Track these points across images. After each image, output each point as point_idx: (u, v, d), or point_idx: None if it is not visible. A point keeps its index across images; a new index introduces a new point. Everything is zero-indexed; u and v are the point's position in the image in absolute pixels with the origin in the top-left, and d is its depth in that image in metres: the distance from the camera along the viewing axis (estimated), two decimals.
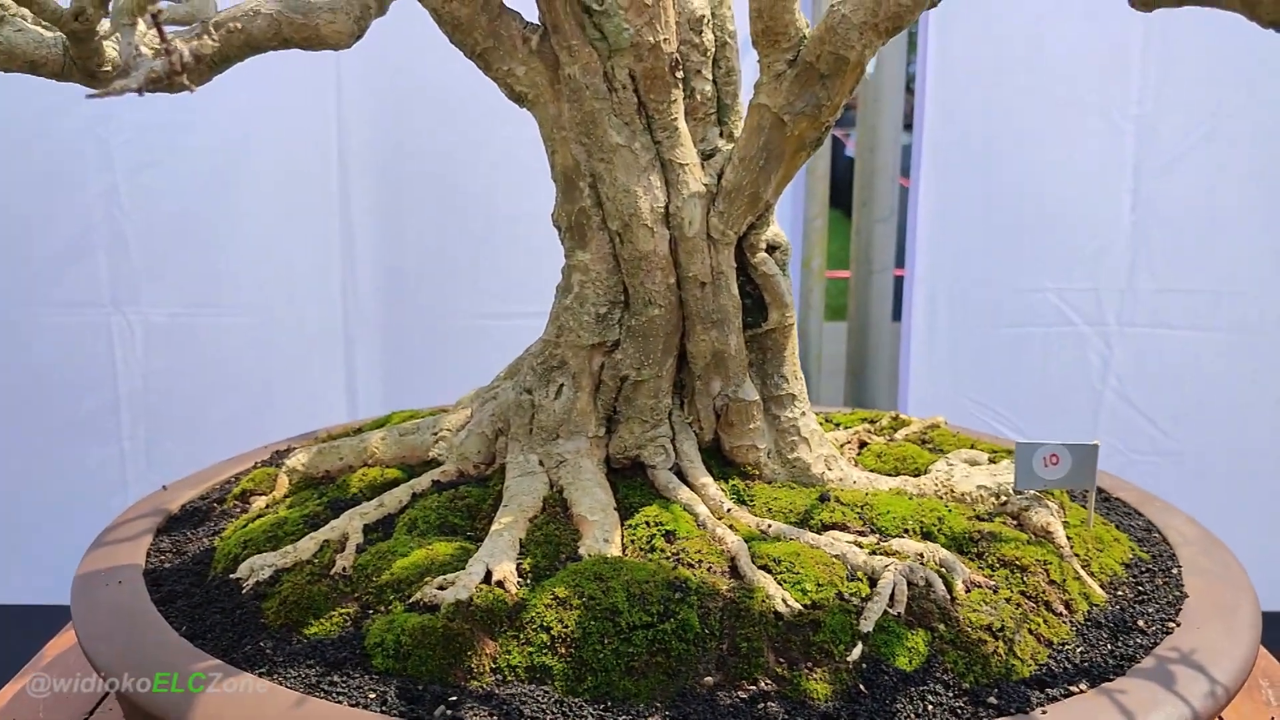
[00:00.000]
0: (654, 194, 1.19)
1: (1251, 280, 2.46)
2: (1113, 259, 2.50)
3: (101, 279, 2.55)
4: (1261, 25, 0.76)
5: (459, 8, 1.16)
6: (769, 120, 1.16)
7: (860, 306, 2.77)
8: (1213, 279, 2.50)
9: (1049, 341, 2.59)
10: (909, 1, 1.07)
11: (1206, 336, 2.53)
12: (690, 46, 1.20)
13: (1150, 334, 2.56)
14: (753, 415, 1.27)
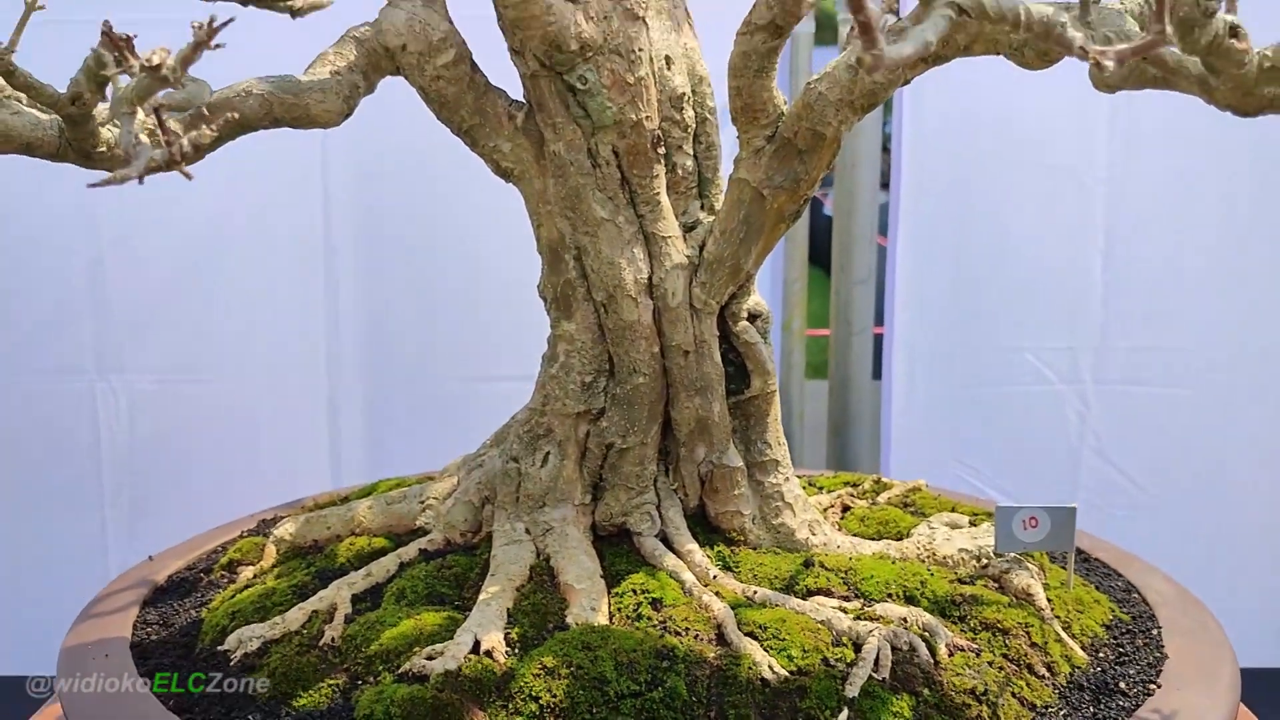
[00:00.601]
0: (638, 266, 1.22)
1: (1220, 337, 2.50)
2: (1086, 318, 2.54)
3: (86, 346, 2.55)
4: (1218, 108, 0.80)
5: (446, 86, 1.20)
6: (749, 194, 1.20)
7: (840, 366, 2.80)
8: (1183, 337, 2.54)
9: (1027, 400, 2.62)
10: (882, 80, 1.11)
11: (1179, 393, 2.56)
12: (671, 123, 1.23)
13: (1125, 391, 2.59)
14: (737, 481, 1.29)
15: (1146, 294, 2.52)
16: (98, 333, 2.53)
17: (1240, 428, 2.53)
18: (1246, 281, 2.48)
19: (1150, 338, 2.55)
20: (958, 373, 2.60)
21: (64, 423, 2.57)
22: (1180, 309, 2.52)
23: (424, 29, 1.18)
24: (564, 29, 1.13)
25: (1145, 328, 2.55)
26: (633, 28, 1.17)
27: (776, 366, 2.52)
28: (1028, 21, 0.70)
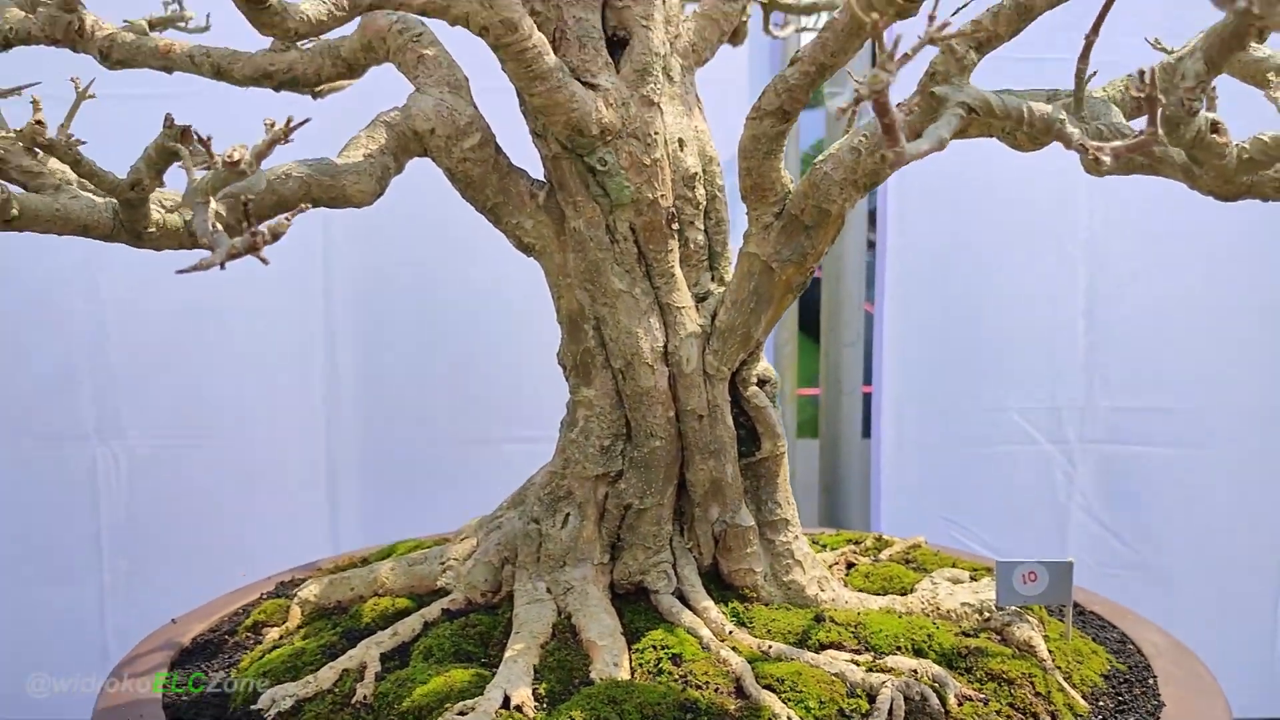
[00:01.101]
0: (654, 335, 1.29)
1: (1202, 397, 2.58)
2: (1070, 379, 2.62)
3: (86, 409, 2.58)
4: (1201, 194, 0.88)
5: (472, 168, 1.27)
6: (758, 267, 1.27)
7: (831, 426, 2.87)
8: (1166, 397, 2.62)
9: (1014, 459, 2.68)
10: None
11: (1162, 452, 2.64)
12: (684, 200, 1.31)
13: (1110, 450, 2.67)
14: (749, 540, 1.35)
15: (1128, 354, 2.61)
16: (98, 396, 2.56)
17: (1224, 484, 2.61)
18: (1227, 341, 2.56)
19: (1133, 398, 2.63)
20: (946, 432, 2.67)
21: (64, 487, 2.59)
22: (1162, 369, 2.60)
23: (451, 114, 1.25)
24: (586, 115, 1.20)
25: (1128, 388, 2.63)
26: (649, 113, 1.25)
27: None
28: (1030, 119, 0.77)
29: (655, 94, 1.26)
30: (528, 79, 1.16)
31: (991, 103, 0.77)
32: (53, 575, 2.61)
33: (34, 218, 1.03)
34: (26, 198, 1.02)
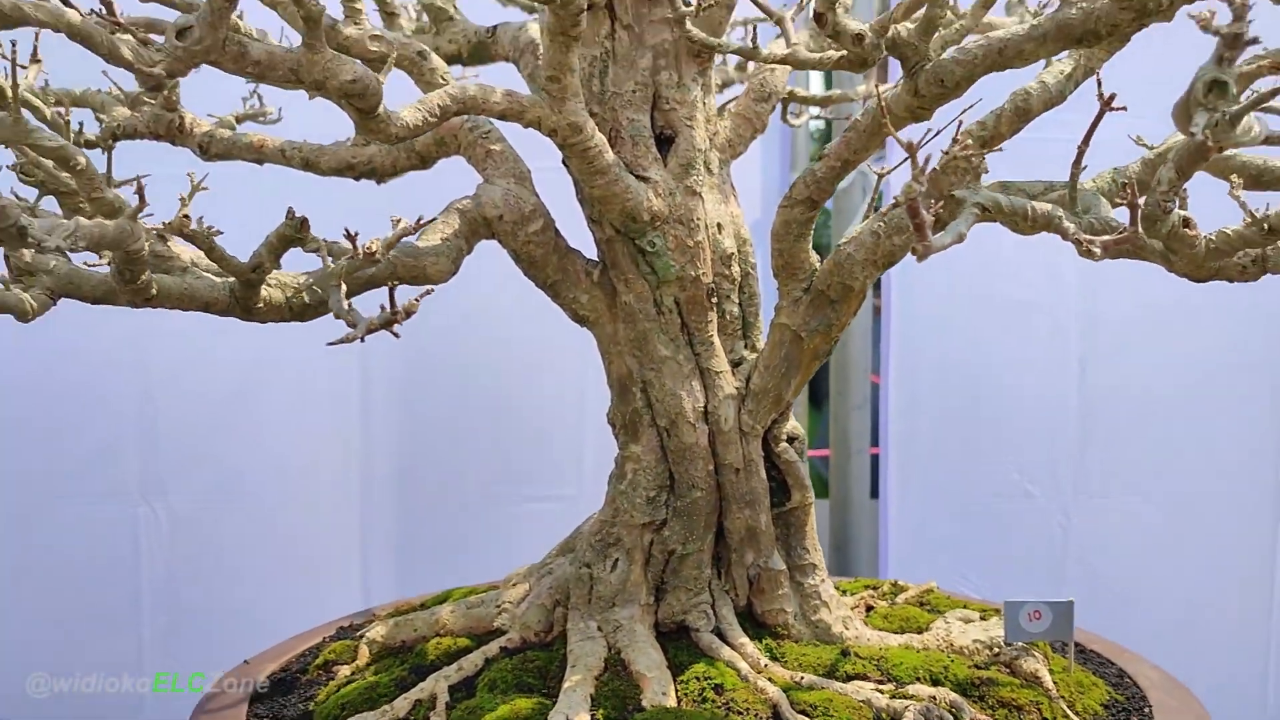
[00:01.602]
0: (695, 396, 1.44)
1: (1187, 454, 2.74)
2: (1065, 439, 2.77)
3: (131, 472, 2.72)
4: (1177, 275, 1.04)
5: (535, 249, 1.43)
6: (789, 336, 1.43)
7: (841, 486, 3.02)
8: (1155, 454, 2.77)
9: (1014, 514, 2.83)
10: (900, 242, 1.35)
11: (1151, 506, 2.79)
12: (722, 277, 1.47)
13: (1103, 505, 2.81)
14: (781, 582, 1.49)
15: (1118, 415, 2.76)
16: (143, 460, 2.70)
17: (1209, 535, 2.75)
18: (1209, 403, 2.72)
19: (1125, 455, 2.78)
20: (949, 490, 2.82)
21: (107, 544, 2.72)
22: (1150, 428, 2.75)
23: (517, 203, 1.41)
24: (638, 204, 1.37)
25: (1119, 446, 2.78)
26: (692, 202, 1.42)
27: None
28: (1033, 216, 0.94)
29: (698, 185, 1.42)
30: (589, 173, 1.33)
31: (1001, 203, 0.94)
32: (95, 629, 2.72)
33: (166, 295, 1.18)
34: (161, 279, 1.17)
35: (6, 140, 1.04)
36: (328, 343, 0.98)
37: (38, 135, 1.06)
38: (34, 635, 2.70)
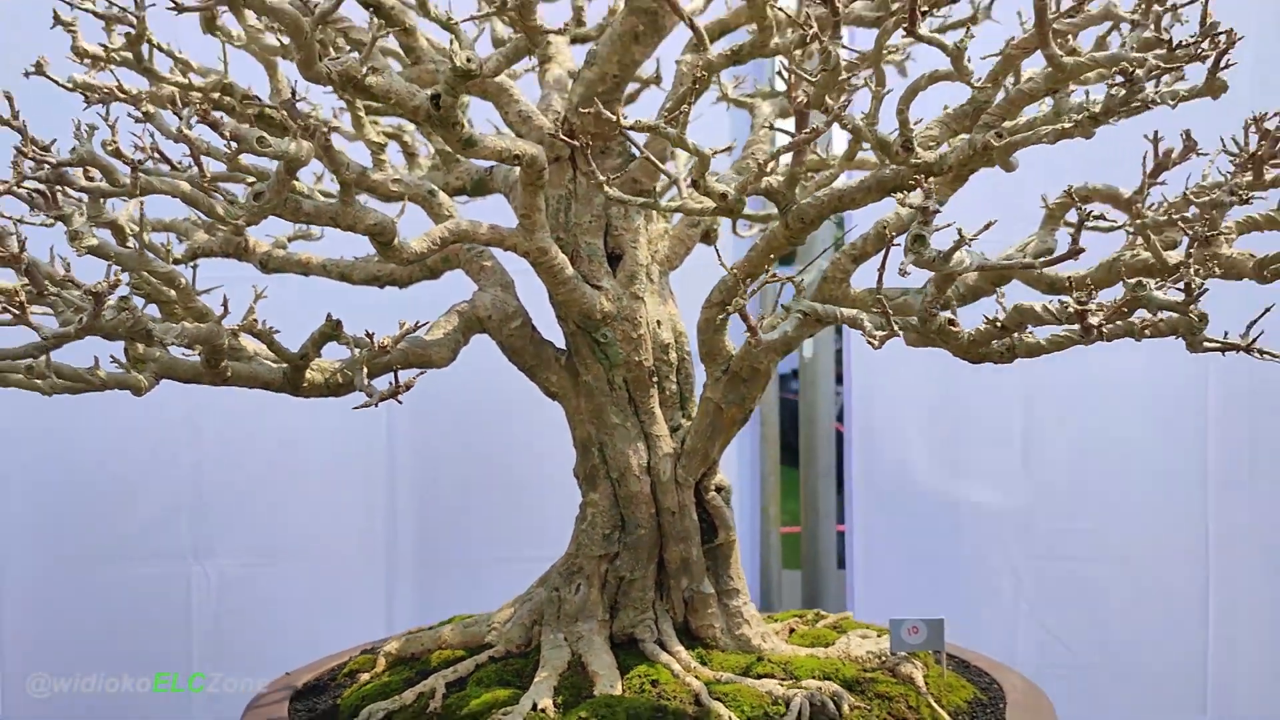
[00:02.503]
0: (640, 455, 1.84)
1: (1130, 518, 3.06)
2: (1014, 506, 3.11)
3: (184, 536, 3.14)
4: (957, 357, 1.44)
5: (516, 340, 1.85)
6: (713, 407, 1.83)
7: (810, 557, 3.39)
8: (1097, 519, 3.11)
9: (969, 576, 3.17)
10: (794, 335, 1.76)
11: (1096, 566, 3.12)
12: (661, 361, 1.88)
13: (1050, 565, 3.15)
14: (710, 603, 1.87)
15: (1064, 482, 3.11)
16: (195, 525, 3.11)
17: (1152, 595, 3.07)
18: (1146, 473, 3.05)
19: (1069, 520, 3.13)
20: (909, 561, 3.16)
21: (161, 600, 3.12)
22: (1094, 495, 3.09)
23: (502, 305, 1.84)
24: (593, 307, 1.79)
25: (1064, 511, 3.12)
26: (636, 304, 1.84)
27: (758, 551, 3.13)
28: (842, 319, 1.35)
29: (641, 291, 1.85)
30: (555, 284, 1.76)
31: (818, 310, 1.35)
32: (148, 676, 3.09)
33: (237, 377, 1.61)
34: (234, 365, 1.60)
35: (133, 268, 1.47)
36: (354, 407, 1.40)
37: (153, 264, 1.50)
38: (98, 679, 3.09)
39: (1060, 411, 3.10)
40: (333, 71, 1.38)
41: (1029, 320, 1.30)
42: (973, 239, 1.22)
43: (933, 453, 3.14)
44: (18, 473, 3.05)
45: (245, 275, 1.74)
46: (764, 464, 3.32)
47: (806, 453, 3.38)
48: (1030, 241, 1.65)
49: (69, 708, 3.06)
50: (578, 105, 1.74)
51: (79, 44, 1.76)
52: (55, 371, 1.44)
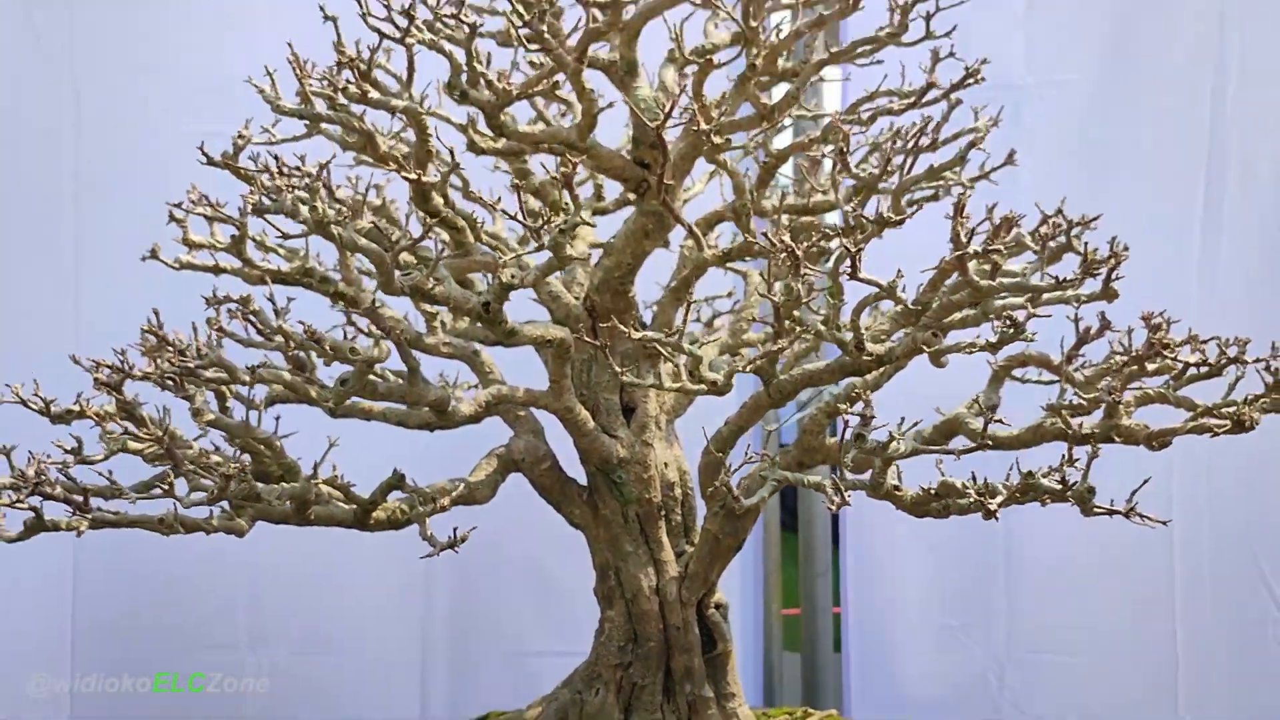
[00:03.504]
0: (650, 578, 2.18)
1: (1107, 619, 3.36)
2: (996, 603, 3.41)
3: (240, 629, 3.47)
4: (905, 512, 1.78)
5: (545, 479, 2.20)
6: (711, 538, 2.17)
7: (809, 642, 3.69)
8: (1076, 615, 3.40)
9: (955, 668, 3.46)
10: (769, 495, 2.10)
11: (1075, 660, 3.41)
12: (668, 497, 2.23)
13: (1032, 659, 3.44)
14: (710, 706, 2.20)
15: (1044, 582, 3.41)
16: (251, 618, 3.44)
17: (1125, 689, 3.36)
18: (1128, 574, 3.35)
19: (1049, 618, 3.43)
20: (902, 648, 3.47)
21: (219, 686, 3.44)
22: (1072, 593, 3.39)
23: (534, 449, 2.20)
24: (611, 453, 2.14)
25: (1044, 609, 3.42)
26: (646, 450, 2.19)
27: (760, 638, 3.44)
28: (807, 484, 1.69)
29: (651, 439, 2.20)
30: (578, 435, 2.11)
31: (789, 477, 1.69)
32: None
33: (319, 518, 1.96)
34: (316, 509, 1.95)
35: (240, 435, 1.84)
36: (420, 556, 1.75)
37: (255, 432, 1.86)
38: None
39: (1038, 520, 3.40)
40: (405, 286, 1.75)
41: (953, 494, 1.64)
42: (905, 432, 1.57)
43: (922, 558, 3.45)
44: (86, 574, 3.38)
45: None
46: (767, 561, 3.64)
47: (805, 553, 3.70)
48: (977, 398, 1.99)
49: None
50: (598, 287, 2.11)
51: (189, 236, 2.15)
52: (180, 521, 1.79)
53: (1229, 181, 3.25)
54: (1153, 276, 3.05)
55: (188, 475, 1.71)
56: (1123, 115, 3.32)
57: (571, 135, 1.89)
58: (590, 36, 1.78)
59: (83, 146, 3.37)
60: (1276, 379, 1.73)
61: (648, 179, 1.98)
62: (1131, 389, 1.83)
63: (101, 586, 3.39)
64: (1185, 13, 3.31)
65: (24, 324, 3.34)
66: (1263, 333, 2.01)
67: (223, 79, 3.37)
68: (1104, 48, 3.34)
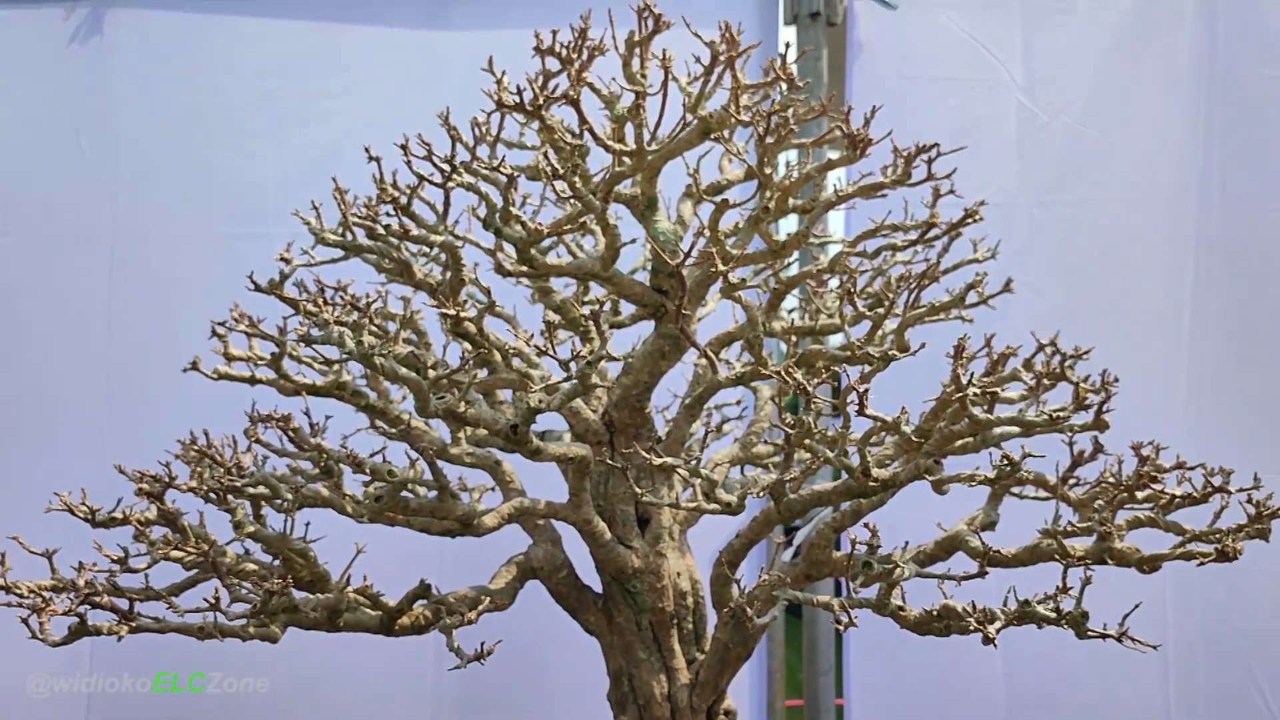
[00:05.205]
0: (662, 685, 2.26)
1: (1103, 705, 3.44)
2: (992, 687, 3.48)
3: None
4: (908, 629, 1.87)
5: (562, 587, 2.29)
6: (721, 646, 2.25)
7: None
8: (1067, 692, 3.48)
9: None
10: (779, 614, 2.19)
11: None
12: (680, 606, 2.31)
13: None
14: None
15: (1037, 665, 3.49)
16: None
17: None
18: (1125, 683, 3.44)
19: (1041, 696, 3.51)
20: None
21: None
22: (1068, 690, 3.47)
23: (552, 558, 2.29)
24: (626, 563, 2.24)
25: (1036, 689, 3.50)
26: (659, 560, 2.28)
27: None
28: (815, 603, 1.79)
29: (664, 549, 2.29)
30: (595, 546, 2.21)
31: (799, 597, 1.79)
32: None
33: (348, 624, 2.05)
34: (346, 616, 2.04)
35: (276, 545, 1.94)
36: (449, 668, 1.83)
37: (291, 542, 1.96)
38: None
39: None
40: (439, 409, 1.87)
41: (952, 617, 1.74)
42: (907, 558, 1.67)
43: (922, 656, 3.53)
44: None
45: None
46: (771, 661, 3.70)
47: (809, 652, 3.76)
48: (977, 515, 2.10)
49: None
50: (616, 404, 2.22)
51: (229, 350, 2.27)
52: (219, 629, 1.88)
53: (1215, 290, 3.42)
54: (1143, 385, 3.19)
55: (229, 586, 1.81)
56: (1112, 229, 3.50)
57: (595, 267, 2.02)
58: (615, 180, 1.92)
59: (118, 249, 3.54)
60: (1259, 510, 1.83)
61: (665, 305, 2.11)
62: (1123, 513, 1.94)
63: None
64: (1171, 132, 3.50)
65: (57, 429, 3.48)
66: (1246, 446, 2.14)
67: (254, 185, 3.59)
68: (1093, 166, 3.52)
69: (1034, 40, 3.55)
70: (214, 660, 3.43)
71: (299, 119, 3.60)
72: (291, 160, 3.57)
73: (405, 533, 2.19)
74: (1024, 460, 1.74)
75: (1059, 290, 3.42)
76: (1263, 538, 1.85)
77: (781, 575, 1.94)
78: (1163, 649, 3.38)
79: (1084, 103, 3.54)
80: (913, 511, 2.09)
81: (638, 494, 1.93)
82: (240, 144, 3.61)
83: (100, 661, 3.45)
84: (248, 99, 3.62)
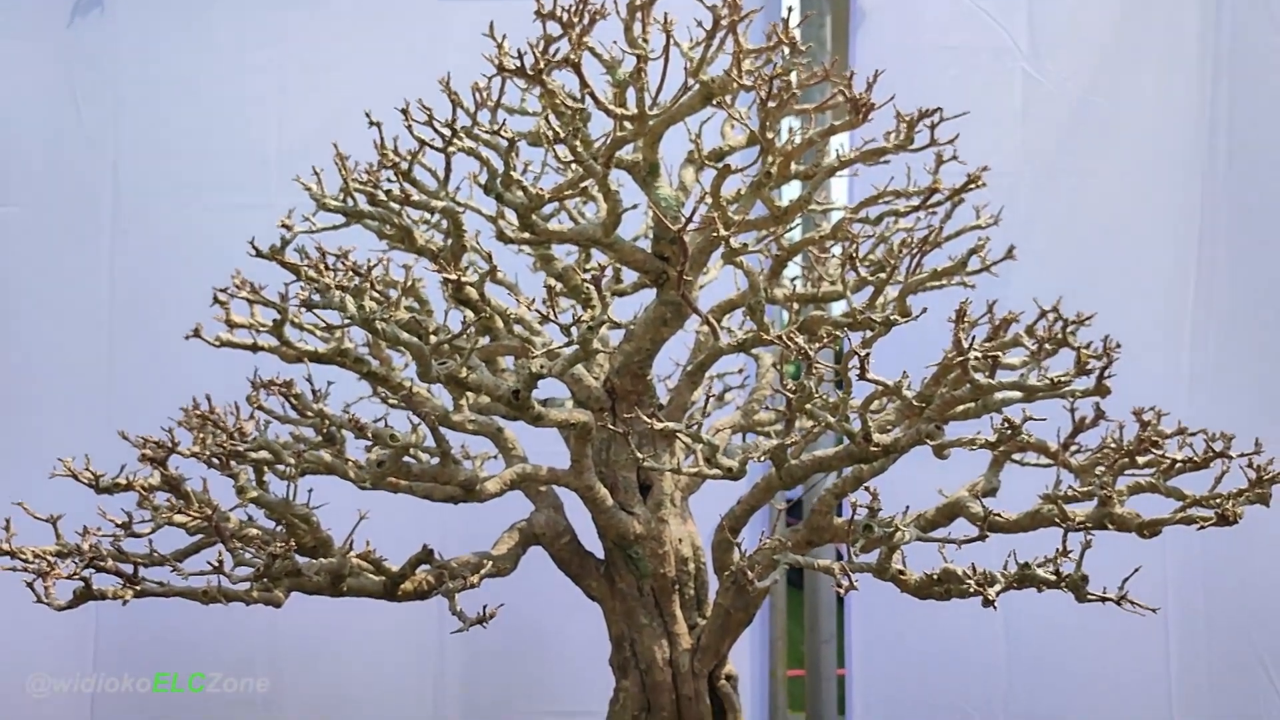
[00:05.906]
0: (664, 650, 2.27)
1: (1105, 699, 3.45)
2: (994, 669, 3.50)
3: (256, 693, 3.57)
4: (909, 594, 1.88)
5: (564, 552, 2.30)
6: (722, 611, 2.26)
7: (813, 704, 3.76)
8: (1068, 684, 3.49)
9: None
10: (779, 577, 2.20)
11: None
12: (682, 572, 2.32)
13: None
14: None
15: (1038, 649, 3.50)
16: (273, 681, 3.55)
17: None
18: (1126, 652, 3.45)
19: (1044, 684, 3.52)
20: (903, 711, 3.55)
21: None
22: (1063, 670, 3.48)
23: (554, 524, 2.30)
24: (628, 529, 2.24)
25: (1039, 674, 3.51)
26: (661, 526, 2.29)
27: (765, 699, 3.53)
28: (816, 567, 1.79)
29: (666, 515, 2.30)
30: (597, 511, 2.22)
31: (800, 561, 1.80)
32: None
33: (351, 589, 2.06)
34: (350, 581, 2.05)
35: (279, 510, 1.94)
36: (451, 631, 1.84)
37: (295, 508, 1.96)
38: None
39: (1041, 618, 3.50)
40: (441, 375, 1.87)
41: (953, 580, 1.74)
42: (909, 522, 1.67)
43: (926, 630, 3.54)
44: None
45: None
46: (773, 628, 3.72)
47: (810, 620, 3.78)
48: (979, 482, 2.10)
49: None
50: (618, 370, 2.22)
51: (231, 317, 2.27)
52: (223, 594, 1.89)
53: (1219, 263, 3.41)
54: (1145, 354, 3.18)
55: (232, 550, 1.82)
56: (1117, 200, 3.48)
57: (597, 233, 2.02)
58: (616, 144, 1.91)
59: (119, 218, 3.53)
60: (1259, 474, 1.83)
61: (667, 271, 2.10)
62: (1124, 479, 1.94)
63: (121, 653, 3.50)
64: (1178, 101, 3.48)
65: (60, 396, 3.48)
66: (1247, 418, 2.14)
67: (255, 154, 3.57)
68: (1098, 136, 3.50)
69: (1039, 8, 3.52)
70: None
71: (300, 88, 3.58)
72: (293, 129, 3.56)
73: (408, 501, 2.20)
74: (1024, 424, 1.74)
75: (1063, 258, 3.40)
76: (1263, 502, 1.85)
77: (782, 539, 1.95)
78: (1163, 616, 3.39)
79: (1090, 71, 3.51)
80: (914, 477, 2.09)
81: (639, 459, 1.93)
82: (241, 112, 3.59)
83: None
84: (249, 68, 3.60)
